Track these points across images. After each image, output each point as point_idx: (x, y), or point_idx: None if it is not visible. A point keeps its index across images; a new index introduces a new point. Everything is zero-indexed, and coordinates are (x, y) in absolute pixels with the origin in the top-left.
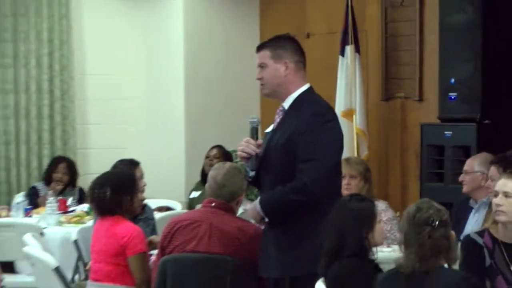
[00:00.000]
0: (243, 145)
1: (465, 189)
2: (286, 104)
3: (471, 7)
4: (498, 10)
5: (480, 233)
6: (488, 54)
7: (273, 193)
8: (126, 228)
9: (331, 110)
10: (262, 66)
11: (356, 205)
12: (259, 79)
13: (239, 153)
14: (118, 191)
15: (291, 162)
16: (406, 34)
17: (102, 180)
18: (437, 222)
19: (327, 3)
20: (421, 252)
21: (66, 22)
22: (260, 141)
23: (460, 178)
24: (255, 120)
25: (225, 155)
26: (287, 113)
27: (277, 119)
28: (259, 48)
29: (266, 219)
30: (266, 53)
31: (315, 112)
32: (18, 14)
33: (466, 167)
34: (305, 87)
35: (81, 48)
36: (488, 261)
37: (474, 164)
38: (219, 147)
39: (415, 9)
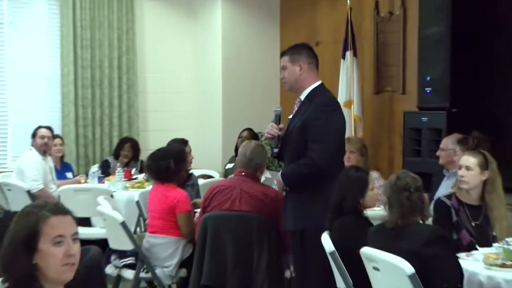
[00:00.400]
0: (269, 128)
1: (440, 161)
2: (302, 96)
3: (443, 22)
4: (464, 26)
5: (449, 197)
6: (456, 58)
7: (291, 168)
8: (175, 192)
9: (336, 101)
10: (283, 68)
11: (354, 174)
12: (282, 78)
13: (265, 134)
14: (179, 162)
15: (305, 142)
16: (393, 42)
17: (163, 154)
18: (413, 188)
19: (332, 19)
20: (401, 211)
21: (132, 33)
22: (281, 125)
23: (437, 153)
24: (278, 109)
25: (253, 136)
26: (302, 103)
27: (295, 108)
28: (282, 55)
29: (287, 188)
30: (286, 58)
31: (323, 103)
32: (95, 27)
33: (442, 145)
34: (317, 83)
35: (142, 53)
36: (454, 218)
37: (448, 142)
38: (249, 129)
39: (400, 23)
